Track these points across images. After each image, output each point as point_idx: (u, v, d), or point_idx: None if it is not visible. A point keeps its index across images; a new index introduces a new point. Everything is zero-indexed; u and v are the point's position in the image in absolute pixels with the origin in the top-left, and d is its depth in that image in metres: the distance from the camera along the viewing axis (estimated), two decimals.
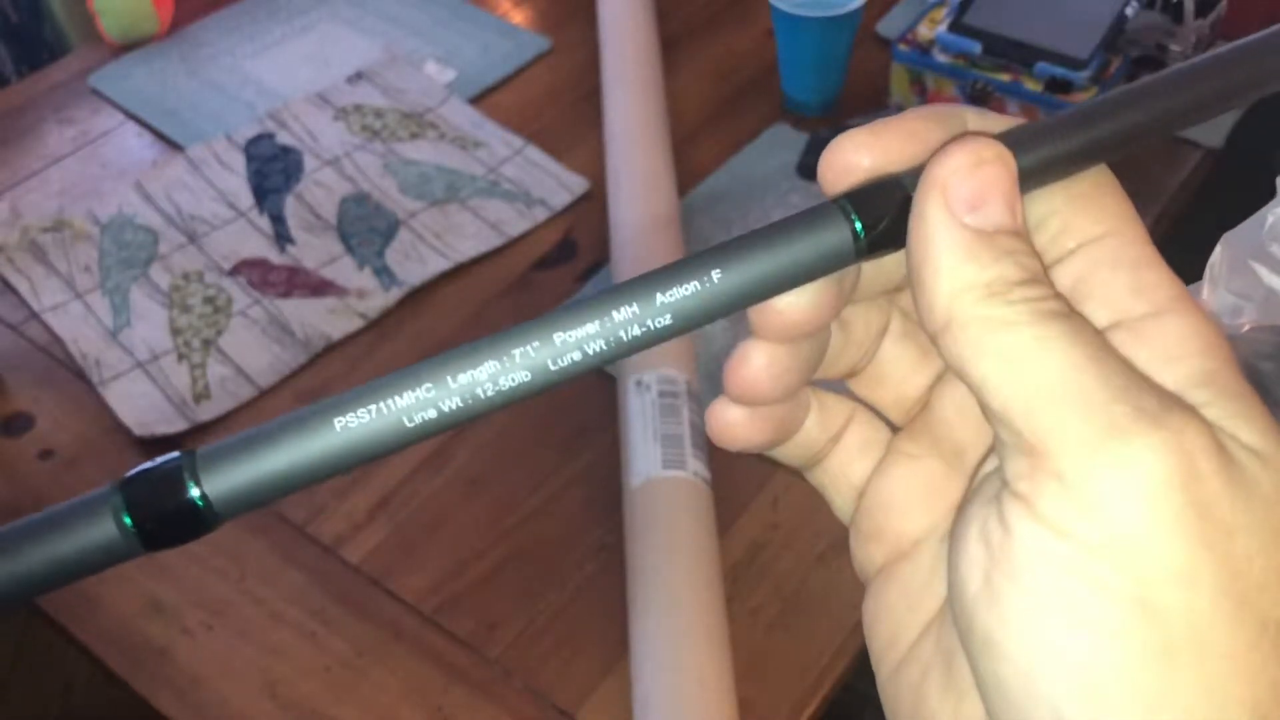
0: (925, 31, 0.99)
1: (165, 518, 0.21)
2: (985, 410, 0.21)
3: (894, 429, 0.27)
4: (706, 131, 1.03)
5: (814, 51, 0.99)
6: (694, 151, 1.00)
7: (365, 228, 0.95)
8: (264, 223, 0.96)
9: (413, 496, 0.78)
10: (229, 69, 1.13)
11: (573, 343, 0.22)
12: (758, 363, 0.24)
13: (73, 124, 1.08)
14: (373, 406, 0.21)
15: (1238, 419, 0.20)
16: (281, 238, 0.95)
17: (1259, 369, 0.21)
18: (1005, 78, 0.94)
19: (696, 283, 0.22)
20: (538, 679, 0.68)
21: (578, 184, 0.98)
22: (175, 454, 0.21)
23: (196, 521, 0.21)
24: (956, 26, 0.96)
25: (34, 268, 0.93)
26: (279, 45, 1.15)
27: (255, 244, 0.95)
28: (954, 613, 0.21)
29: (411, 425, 0.21)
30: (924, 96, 0.99)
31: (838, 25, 0.97)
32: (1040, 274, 0.21)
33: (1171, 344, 0.21)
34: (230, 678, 0.69)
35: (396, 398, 0.21)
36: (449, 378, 0.21)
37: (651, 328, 0.22)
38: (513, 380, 0.21)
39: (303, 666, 0.69)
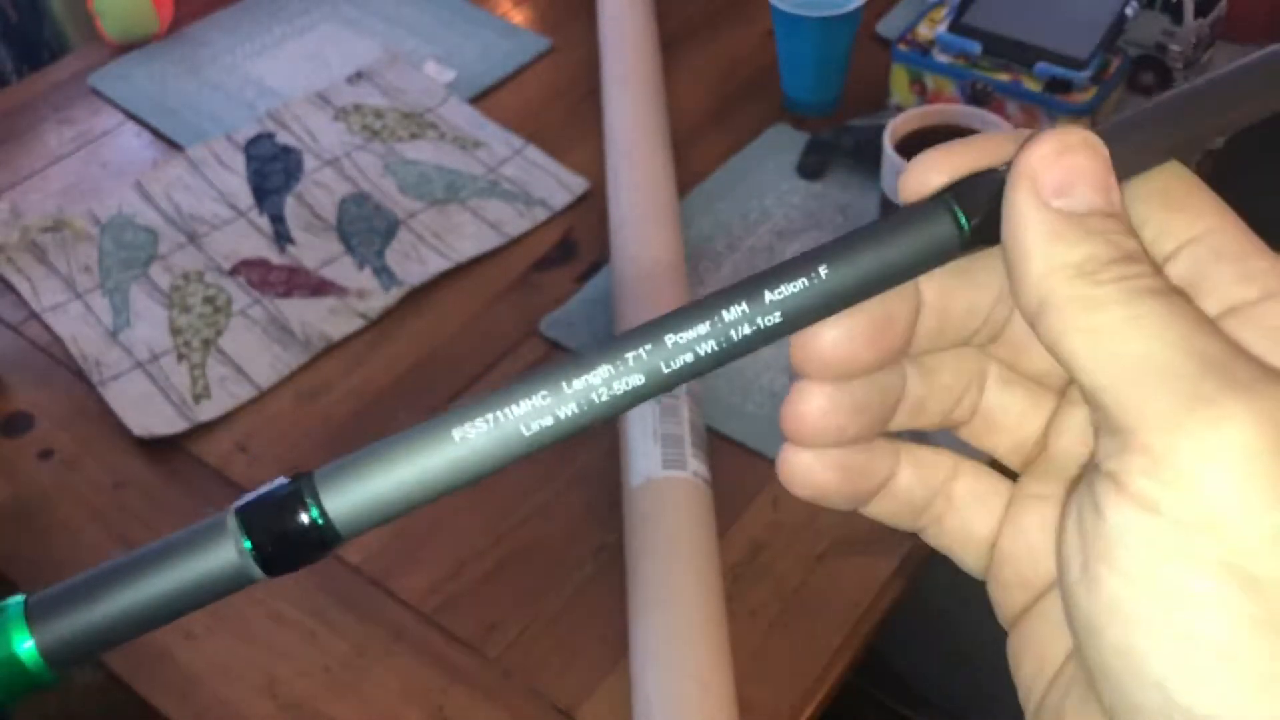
0: (925, 31, 0.99)
1: (285, 541, 0.21)
2: (1081, 392, 0.21)
3: (1012, 476, 0.27)
4: (706, 131, 1.03)
5: (814, 51, 0.99)
6: (694, 151, 1.00)
7: (365, 228, 0.95)
8: (264, 223, 0.96)
9: None
10: (229, 69, 1.13)
11: (684, 344, 0.22)
12: (808, 402, 0.24)
13: (73, 124, 1.08)
14: (490, 415, 0.21)
15: None
16: (281, 238, 0.95)
17: None
18: (1005, 78, 0.94)
19: (804, 279, 0.22)
20: (538, 679, 0.68)
21: (578, 184, 0.98)
22: (289, 478, 0.21)
23: (317, 542, 0.21)
24: (956, 26, 0.96)
25: (34, 268, 0.93)
26: (279, 45, 1.15)
27: (255, 244, 0.95)
28: (1064, 608, 0.21)
29: (529, 434, 0.21)
30: (924, 97, 0.99)
31: (838, 25, 0.97)
32: (1136, 252, 0.21)
33: None
34: (231, 678, 0.69)
35: (513, 406, 0.21)
36: (564, 384, 0.21)
37: (761, 326, 0.22)
38: (627, 384, 0.22)
39: (303, 667, 0.69)
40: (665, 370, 0.22)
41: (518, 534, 0.75)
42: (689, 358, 0.22)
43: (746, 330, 0.22)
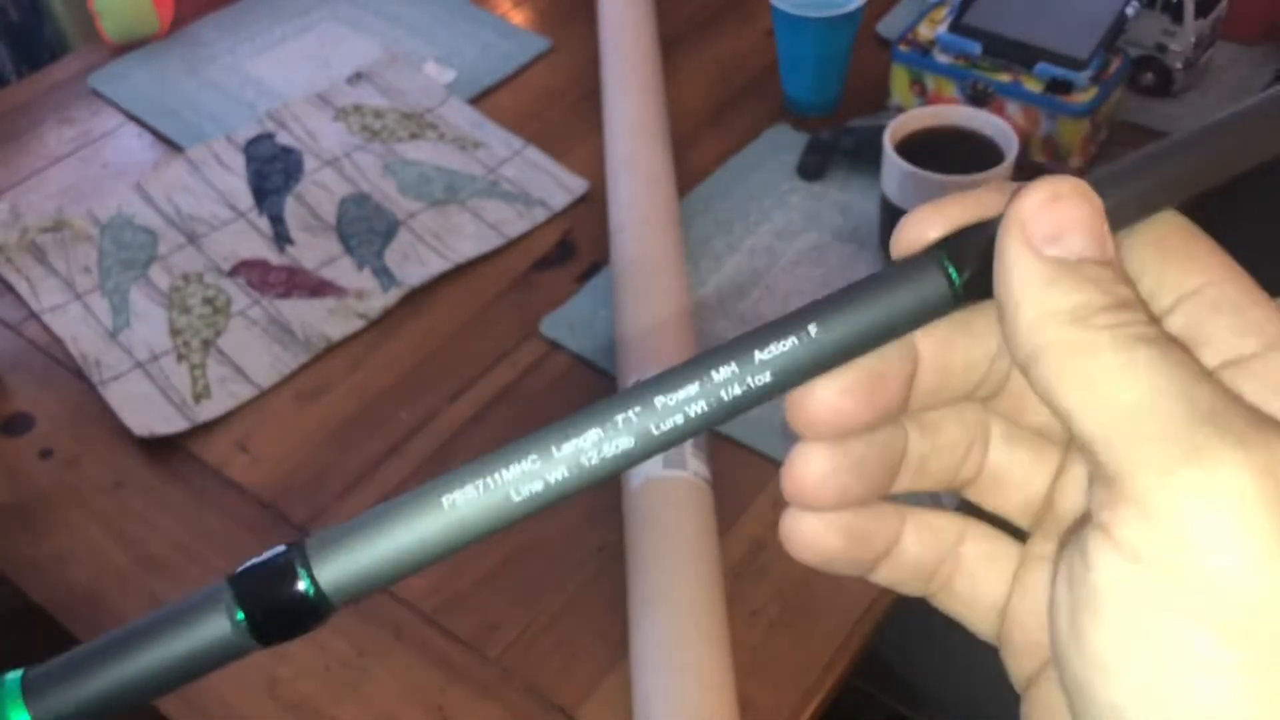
0: (925, 32, 0.99)
1: (278, 611, 0.21)
2: (1075, 441, 0.20)
3: (1021, 538, 0.26)
4: (706, 132, 1.03)
5: (814, 52, 0.99)
6: (694, 151, 1.00)
7: (365, 228, 0.95)
8: (263, 223, 0.96)
9: None
10: (229, 69, 1.13)
11: (674, 405, 0.22)
12: (808, 465, 0.24)
13: (73, 124, 1.08)
14: (480, 482, 0.21)
15: None
16: (281, 238, 0.95)
17: None
18: (1005, 78, 0.94)
19: (795, 339, 0.22)
20: (538, 678, 0.68)
21: (577, 184, 0.98)
22: (284, 547, 0.21)
23: (310, 613, 0.21)
24: (956, 27, 0.96)
25: (34, 268, 0.93)
26: (279, 45, 1.15)
27: (255, 244, 0.95)
28: (1056, 667, 0.21)
29: (519, 499, 0.21)
30: (924, 97, 0.99)
31: (838, 25, 0.97)
32: (1130, 300, 0.20)
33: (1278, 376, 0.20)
34: (231, 678, 0.69)
35: (503, 471, 0.21)
36: (553, 448, 0.21)
37: (752, 386, 0.22)
38: (616, 447, 0.21)
39: (303, 666, 0.69)
40: (655, 432, 0.22)
41: (518, 534, 0.75)
42: (679, 419, 0.22)
43: (737, 390, 0.22)
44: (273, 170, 1.00)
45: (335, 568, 0.21)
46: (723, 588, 0.68)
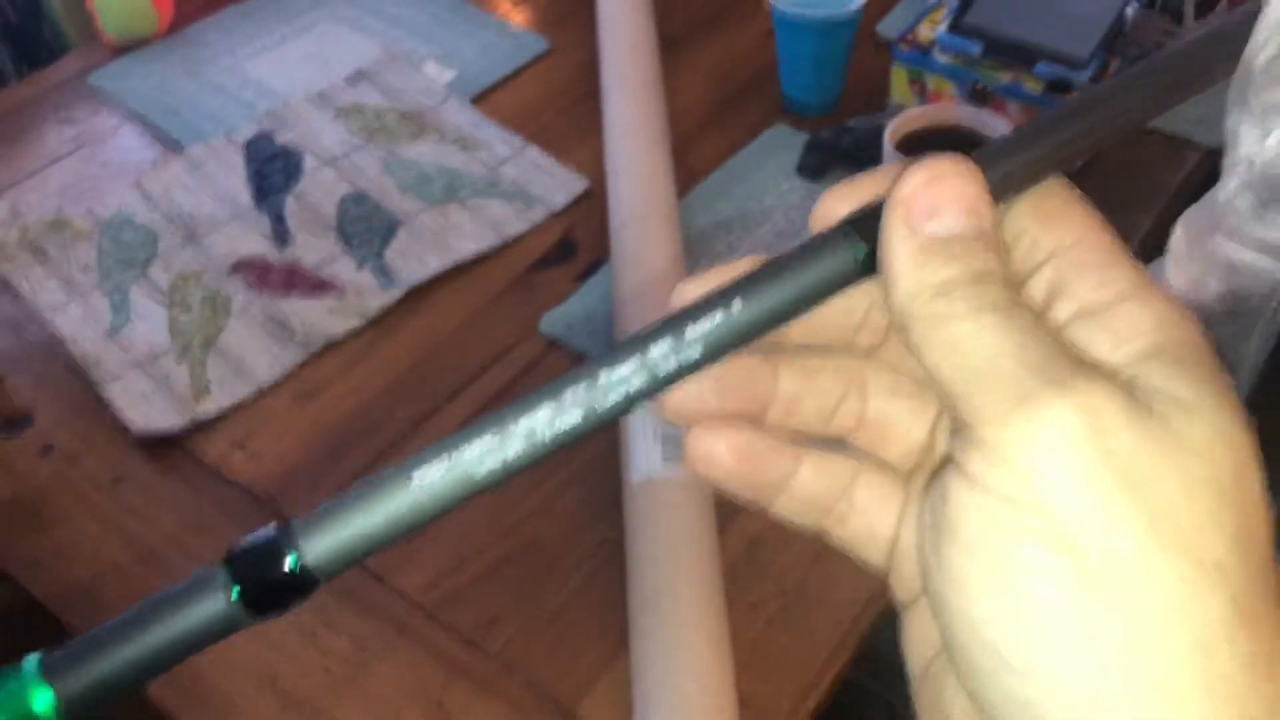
0: (925, 32, 0.99)
1: (269, 586, 0.23)
2: (939, 393, 0.23)
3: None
4: (706, 131, 1.03)
5: (814, 52, 0.99)
6: (694, 151, 1.00)
7: (364, 227, 0.95)
8: (263, 222, 0.96)
9: None
10: (228, 69, 1.13)
11: (616, 381, 0.24)
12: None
13: (72, 124, 1.08)
14: (445, 458, 0.23)
15: (1177, 380, 0.22)
16: (281, 237, 0.95)
17: (1213, 335, 0.24)
18: (1005, 78, 0.94)
19: (721, 312, 0.24)
20: (538, 674, 0.68)
21: (577, 184, 0.98)
22: (272, 526, 0.23)
23: (298, 586, 0.23)
24: (956, 27, 0.96)
25: (33, 267, 0.93)
26: (278, 45, 1.16)
27: (254, 243, 0.95)
28: (923, 587, 0.24)
29: (482, 472, 0.23)
30: (924, 97, 0.99)
31: (837, 26, 0.98)
32: (989, 273, 0.23)
33: (1127, 325, 0.23)
34: (232, 674, 0.69)
35: (465, 447, 0.23)
36: (510, 425, 0.23)
37: (685, 360, 0.24)
38: (567, 422, 0.23)
39: (304, 663, 0.69)
40: (599, 408, 0.24)
41: (518, 530, 0.75)
42: (622, 393, 0.24)
43: (672, 364, 0.24)
44: (272, 169, 1.00)
45: (319, 545, 0.23)
46: (722, 584, 0.68)
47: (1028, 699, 0.21)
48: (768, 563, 0.72)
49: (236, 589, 0.23)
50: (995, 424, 0.22)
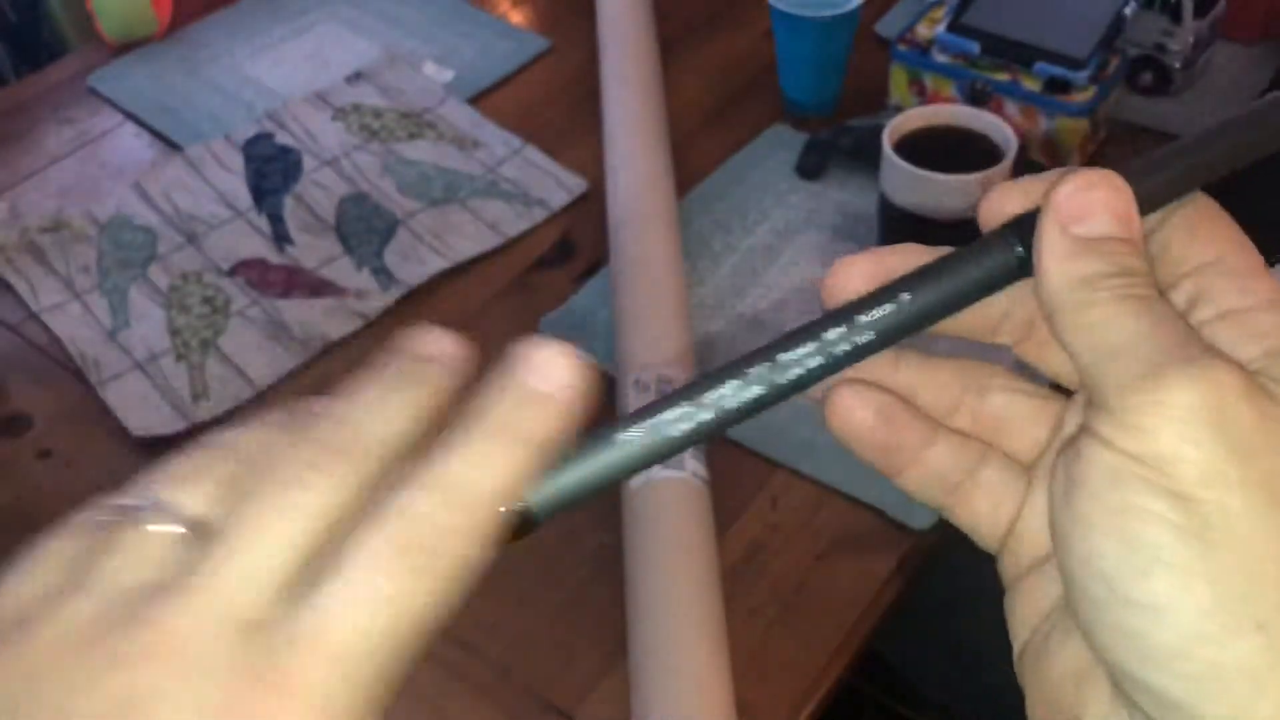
0: (924, 31, 0.99)
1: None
2: (1079, 376, 0.26)
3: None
4: (706, 131, 1.03)
5: (813, 52, 0.99)
6: (693, 151, 1.00)
7: (364, 228, 0.95)
8: (262, 223, 0.96)
9: None
10: (228, 69, 1.13)
11: (794, 360, 0.26)
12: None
13: (71, 124, 1.08)
14: (646, 423, 0.26)
15: None
16: (280, 238, 0.95)
17: None
18: (1004, 77, 0.94)
19: (892, 304, 0.27)
20: (536, 679, 0.68)
21: (576, 184, 0.98)
22: None
23: (523, 526, 0.26)
24: (955, 26, 0.96)
25: (33, 268, 0.93)
26: (278, 45, 1.15)
27: (254, 244, 0.95)
28: (1050, 532, 0.27)
29: (676, 435, 0.26)
30: (923, 97, 0.99)
31: (837, 25, 0.97)
32: (1134, 268, 0.26)
33: (1261, 327, 0.26)
34: None
35: (663, 414, 0.26)
36: (701, 395, 0.26)
37: (857, 343, 0.27)
38: (750, 394, 0.26)
39: None
40: (779, 382, 0.26)
41: None
42: (799, 371, 0.26)
43: (845, 347, 0.26)
44: (272, 170, 1.00)
45: (542, 493, 0.26)
46: (721, 588, 0.68)
47: (1136, 629, 0.24)
48: (766, 567, 0.72)
49: None
50: (1127, 393, 0.24)
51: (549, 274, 0.92)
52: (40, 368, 0.87)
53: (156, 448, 0.81)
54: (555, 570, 0.73)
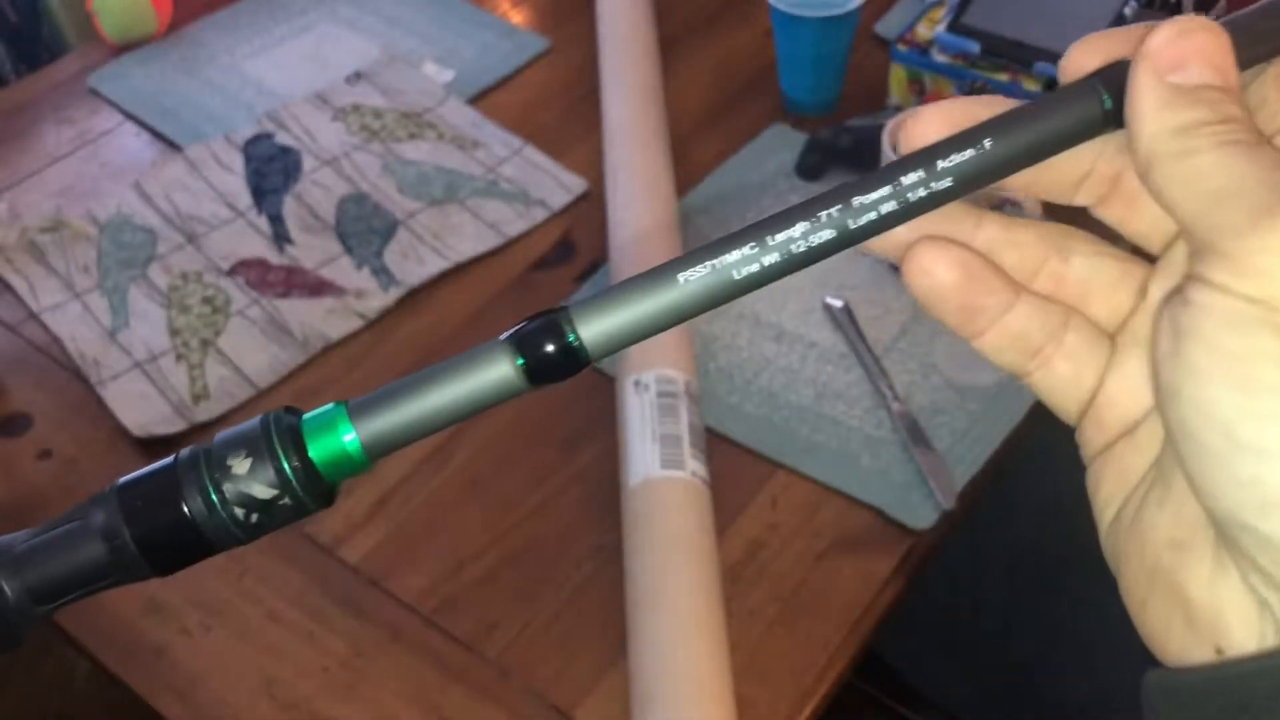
0: (924, 32, 0.99)
1: (549, 357, 0.26)
2: (1181, 227, 0.25)
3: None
4: (706, 131, 1.03)
5: (813, 51, 0.99)
6: (693, 151, 1.00)
7: (364, 228, 0.95)
8: (262, 223, 0.96)
9: (411, 496, 0.77)
10: (227, 69, 1.13)
11: (869, 204, 0.25)
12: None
13: (71, 124, 1.08)
14: (709, 263, 0.26)
15: None
16: (280, 238, 0.95)
17: None
18: (1004, 78, 0.94)
19: (972, 150, 0.26)
20: (536, 679, 0.68)
21: (576, 184, 0.98)
22: (550, 310, 0.26)
23: (570, 363, 0.26)
24: (955, 27, 0.96)
25: (32, 268, 0.93)
26: (277, 45, 1.15)
27: (254, 244, 0.95)
28: (1154, 388, 0.26)
29: (739, 278, 0.26)
30: (922, 97, 0.99)
31: (836, 25, 0.97)
32: (1233, 115, 0.25)
33: None
34: (229, 678, 0.69)
35: (726, 255, 0.25)
36: (768, 237, 0.25)
37: (933, 189, 0.25)
38: (820, 237, 0.25)
39: (301, 666, 0.69)
40: (851, 226, 0.25)
41: (516, 534, 0.75)
42: (872, 215, 0.25)
43: (921, 193, 0.25)
44: (271, 170, 1.00)
45: (591, 329, 0.26)
46: (720, 588, 0.68)
47: (1256, 476, 0.23)
48: (766, 567, 0.72)
49: (521, 359, 0.25)
50: (1239, 236, 0.23)
51: (549, 274, 0.92)
52: (40, 368, 0.87)
53: (156, 447, 0.81)
54: (555, 570, 0.73)
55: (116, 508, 0.26)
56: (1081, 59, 0.27)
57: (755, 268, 0.25)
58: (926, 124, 0.28)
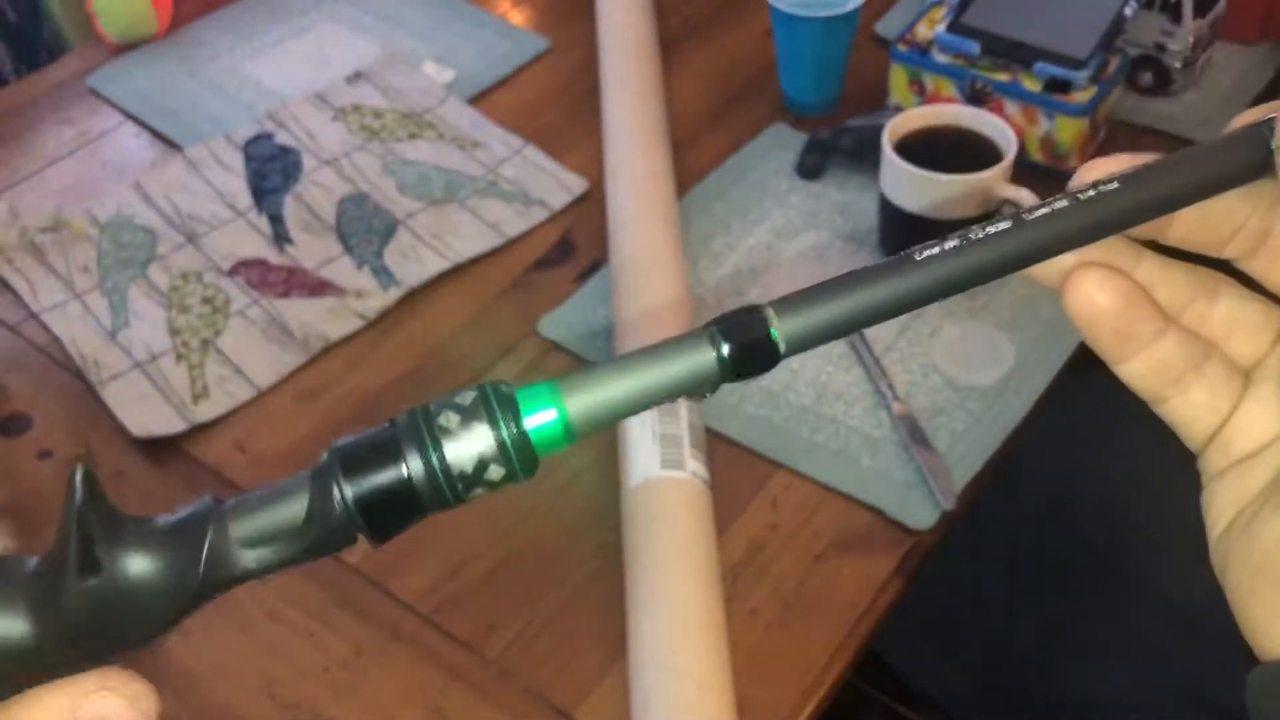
0: (924, 31, 0.99)
1: (752, 351, 0.27)
2: None
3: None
4: (706, 131, 1.03)
5: (813, 51, 0.99)
6: (693, 151, 1.00)
7: (364, 228, 0.95)
8: (262, 223, 0.96)
9: None
10: (228, 69, 1.13)
11: (1044, 216, 0.28)
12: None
13: (71, 124, 1.08)
14: (894, 278, 0.27)
15: None
16: (280, 238, 0.95)
17: None
18: (1004, 78, 0.94)
19: (1136, 184, 0.28)
20: (536, 679, 0.68)
21: (576, 184, 0.98)
22: (757, 305, 0.27)
23: (770, 355, 0.27)
24: (955, 26, 0.96)
25: (33, 268, 0.93)
26: (278, 45, 1.15)
27: (254, 244, 0.95)
28: None
29: (926, 283, 0.28)
30: (923, 97, 0.99)
31: (836, 25, 0.97)
32: None
33: None
34: (228, 677, 0.69)
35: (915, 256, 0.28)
36: (960, 240, 0.27)
37: (1105, 216, 0.28)
38: (1002, 250, 0.27)
39: (301, 666, 0.69)
40: (1036, 242, 0.28)
41: (516, 534, 0.75)
42: (1054, 230, 0.28)
43: (1095, 217, 0.28)
44: (272, 170, 1.00)
45: (789, 326, 0.27)
46: (721, 588, 0.68)
47: None
48: (767, 567, 0.72)
49: (725, 349, 0.27)
50: None
51: (549, 274, 0.92)
52: (40, 368, 0.87)
53: (156, 447, 0.81)
54: (555, 571, 0.73)
55: (338, 466, 0.27)
56: (1252, 114, 0.29)
57: (941, 272, 0.27)
58: (1098, 170, 0.29)
